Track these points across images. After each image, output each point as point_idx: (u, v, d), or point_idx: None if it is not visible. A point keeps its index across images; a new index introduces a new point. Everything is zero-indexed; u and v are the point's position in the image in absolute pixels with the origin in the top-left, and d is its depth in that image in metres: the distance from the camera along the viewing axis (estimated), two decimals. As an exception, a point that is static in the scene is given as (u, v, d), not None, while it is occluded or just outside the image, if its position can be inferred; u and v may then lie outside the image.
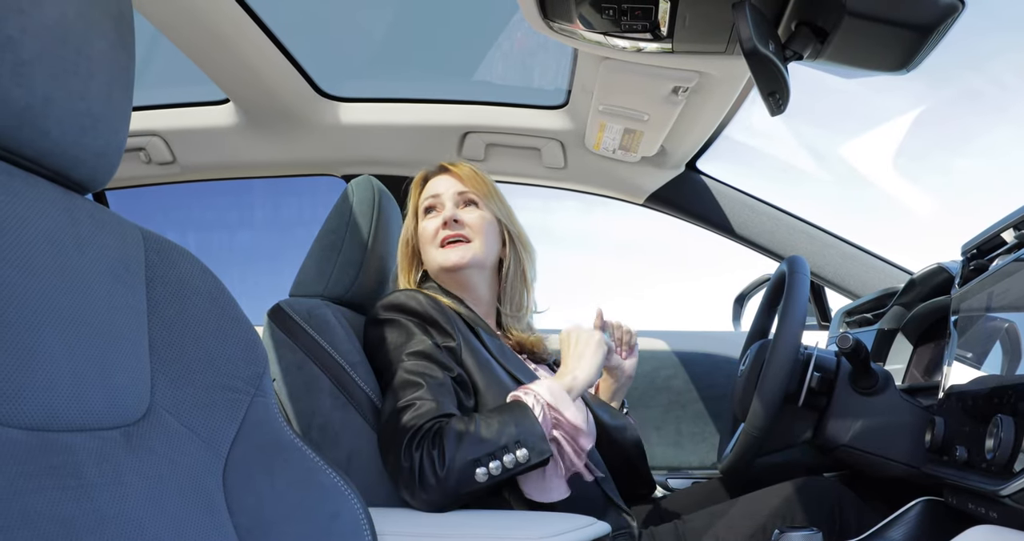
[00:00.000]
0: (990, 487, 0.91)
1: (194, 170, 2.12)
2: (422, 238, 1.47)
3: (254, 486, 0.76)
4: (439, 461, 1.11)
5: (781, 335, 1.28)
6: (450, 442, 1.12)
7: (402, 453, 1.13)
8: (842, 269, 2.02)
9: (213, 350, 0.77)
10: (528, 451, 1.14)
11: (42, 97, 0.61)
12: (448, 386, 1.24)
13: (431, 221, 1.46)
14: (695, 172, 2.07)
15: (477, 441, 1.13)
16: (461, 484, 1.11)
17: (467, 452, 1.12)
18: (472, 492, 1.13)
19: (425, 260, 1.48)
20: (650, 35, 1.27)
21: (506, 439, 1.14)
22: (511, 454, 1.13)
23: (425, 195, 1.50)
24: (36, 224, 0.63)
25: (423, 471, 1.11)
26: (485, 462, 1.12)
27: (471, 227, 1.44)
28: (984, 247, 1.21)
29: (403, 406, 1.19)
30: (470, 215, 1.45)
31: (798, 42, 1.09)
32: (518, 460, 1.13)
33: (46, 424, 0.58)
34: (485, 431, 1.14)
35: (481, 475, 1.12)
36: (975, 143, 3.78)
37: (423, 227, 1.47)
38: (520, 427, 1.16)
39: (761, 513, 1.33)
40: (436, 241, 1.44)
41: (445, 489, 1.11)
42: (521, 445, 1.14)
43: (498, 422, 1.16)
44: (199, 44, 1.58)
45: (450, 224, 1.43)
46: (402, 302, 1.32)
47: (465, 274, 1.44)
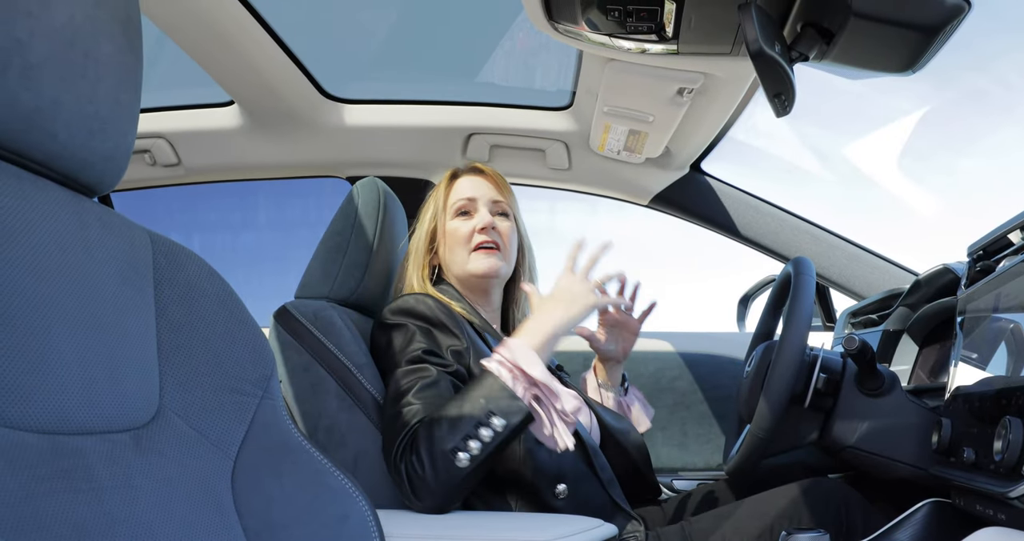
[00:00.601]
0: (998, 489, 0.91)
1: (199, 172, 2.12)
2: (452, 238, 1.45)
3: (263, 488, 0.76)
4: (419, 465, 1.11)
5: (787, 336, 1.27)
6: (423, 442, 1.12)
7: (392, 468, 1.15)
8: (847, 270, 2.01)
9: (221, 352, 0.77)
10: (503, 417, 1.12)
11: (50, 100, 0.62)
12: (440, 382, 1.22)
13: (464, 223, 1.45)
14: (700, 173, 2.06)
15: (448, 429, 1.12)
16: (449, 476, 1.10)
17: (442, 444, 1.11)
18: (464, 480, 1.12)
19: (450, 261, 1.46)
20: (655, 36, 1.27)
21: (477, 414, 1.12)
22: (486, 428, 1.11)
23: (458, 195, 1.47)
24: (45, 227, 0.63)
25: (411, 479, 1.12)
26: (463, 446, 1.11)
27: (502, 236, 1.45)
28: (991, 248, 1.21)
29: (391, 416, 1.20)
30: (503, 225, 1.46)
31: (804, 43, 1.08)
32: (496, 430, 1.12)
33: (57, 427, 0.58)
34: (454, 414, 1.13)
35: (464, 460, 1.10)
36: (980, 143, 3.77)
37: (455, 227, 1.45)
38: (488, 397, 1.13)
39: (768, 515, 1.33)
40: (471, 244, 1.43)
41: (435, 488, 1.11)
42: (493, 414, 1.12)
43: (466, 401, 1.14)
44: (204, 46, 1.58)
45: (488, 230, 1.43)
46: (411, 306, 1.32)
47: (490, 282, 1.45)
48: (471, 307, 1.43)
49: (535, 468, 1.26)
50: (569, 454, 1.30)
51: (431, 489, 1.11)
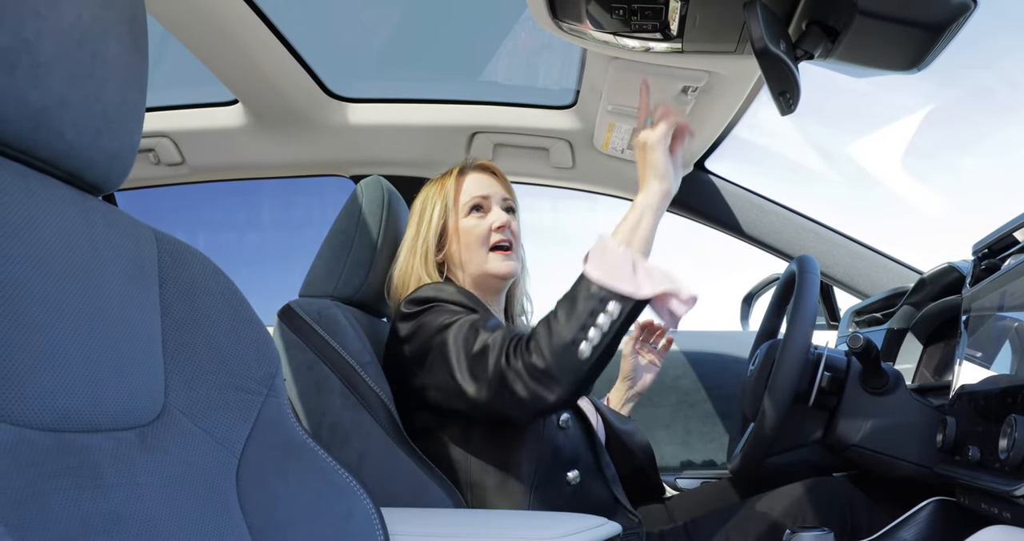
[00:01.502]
0: (1004, 487, 0.91)
1: (203, 171, 2.12)
2: (468, 236, 1.41)
3: (267, 486, 0.76)
4: (539, 360, 1.11)
5: (791, 335, 1.27)
6: (542, 339, 1.13)
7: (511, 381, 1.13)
8: (851, 268, 2.01)
9: (226, 350, 0.77)
10: (619, 303, 1.12)
11: (58, 99, 0.62)
12: (503, 323, 1.25)
13: (480, 221, 1.42)
14: (704, 172, 2.06)
15: (563, 321, 1.13)
16: (575, 368, 1.11)
17: (561, 336, 1.12)
18: (590, 370, 1.12)
19: (465, 259, 1.42)
20: (660, 35, 1.27)
21: (592, 304, 1.12)
22: (602, 314, 1.12)
23: (469, 191, 1.44)
24: (51, 225, 0.63)
25: (534, 378, 1.12)
26: (582, 335, 1.11)
27: (515, 236, 1.45)
28: (996, 246, 1.21)
29: (479, 350, 1.18)
30: (514, 224, 1.46)
31: (809, 41, 1.08)
32: (611, 316, 1.12)
33: (63, 425, 0.58)
34: (567, 309, 1.14)
35: (585, 350, 1.11)
36: (986, 142, 3.77)
37: (470, 225, 1.42)
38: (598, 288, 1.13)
39: (772, 514, 1.33)
40: (489, 243, 1.41)
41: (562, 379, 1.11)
42: (606, 300, 1.12)
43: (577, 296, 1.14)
44: (208, 45, 1.58)
45: (504, 229, 1.42)
46: (433, 294, 1.30)
47: (503, 283, 1.45)
48: (481, 303, 1.43)
49: (551, 452, 1.27)
50: (582, 444, 1.33)
51: (558, 381, 1.11)
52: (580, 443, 1.33)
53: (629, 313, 1.13)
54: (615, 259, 1.15)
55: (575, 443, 1.32)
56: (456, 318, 1.25)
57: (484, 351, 1.17)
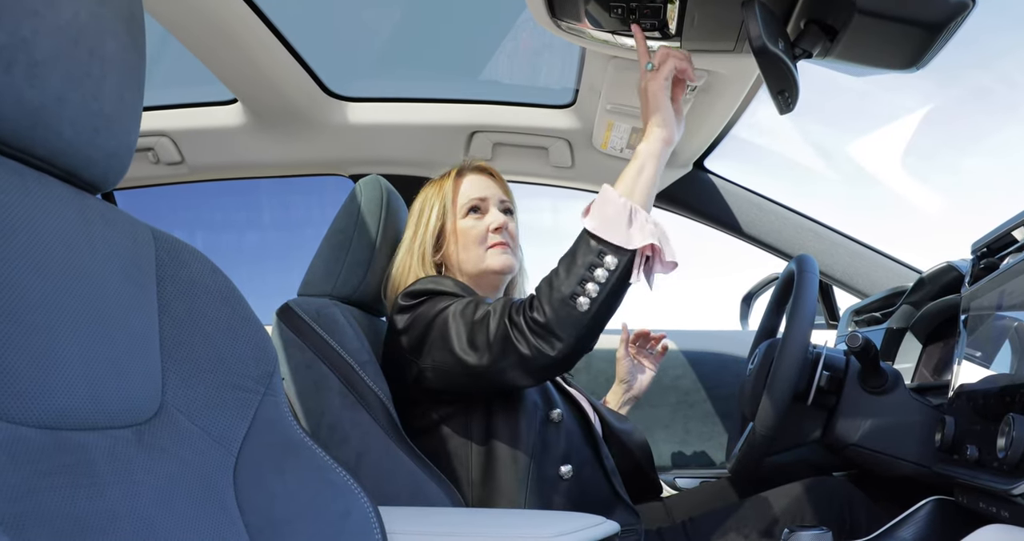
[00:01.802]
0: (1002, 486, 0.91)
1: (202, 170, 2.12)
2: (466, 237, 1.43)
3: (265, 485, 0.76)
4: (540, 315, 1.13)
5: (790, 334, 1.27)
6: (543, 295, 1.14)
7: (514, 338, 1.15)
8: (851, 268, 2.01)
9: (223, 349, 0.77)
10: (616, 255, 1.13)
11: (55, 97, 0.62)
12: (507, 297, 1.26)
13: (478, 222, 1.44)
14: (703, 171, 2.06)
15: (562, 275, 1.14)
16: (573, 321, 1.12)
17: (559, 290, 1.13)
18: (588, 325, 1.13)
19: (463, 259, 1.44)
20: (659, 33, 1.27)
21: (589, 257, 1.14)
22: (599, 268, 1.13)
23: (468, 193, 1.46)
24: (49, 224, 0.63)
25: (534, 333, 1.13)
26: (580, 288, 1.12)
27: (512, 236, 1.47)
28: (994, 245, 1.21)
29: (478, 319, 1.20)
30: (511, 225, 1.48)
31: (807, 40, 1.08)
32: (607, 269, 1.13)
33: (60, 423, 0.58)
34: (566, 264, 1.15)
35: (584, 303, 1.12)
36: (985, 141, 3.77)
37: (468, 226, 1.44)
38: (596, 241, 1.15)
39: (770, 513, 1.33)
40: (486, 243, 1.43)
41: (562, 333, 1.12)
42: (602, 253, 1.13)
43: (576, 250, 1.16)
44: (207, 44, 1.58)
45: (502, 231, 1.44)
46: (431, 287, 1.31)
47: (501, 279, 1.46)
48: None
49: (543, 446, 1.28)
50: (578, 437, 1.33)
51: (558, 335, 1.12)
52: (575, 438, 1.33)
53: (627, 266, 1.14)
54: (613, 210, 1.15)
55: (569, 438, 1.32)
56: (453, 302, 1.26)
57: (485, 318, 1.19)
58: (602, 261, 1.13)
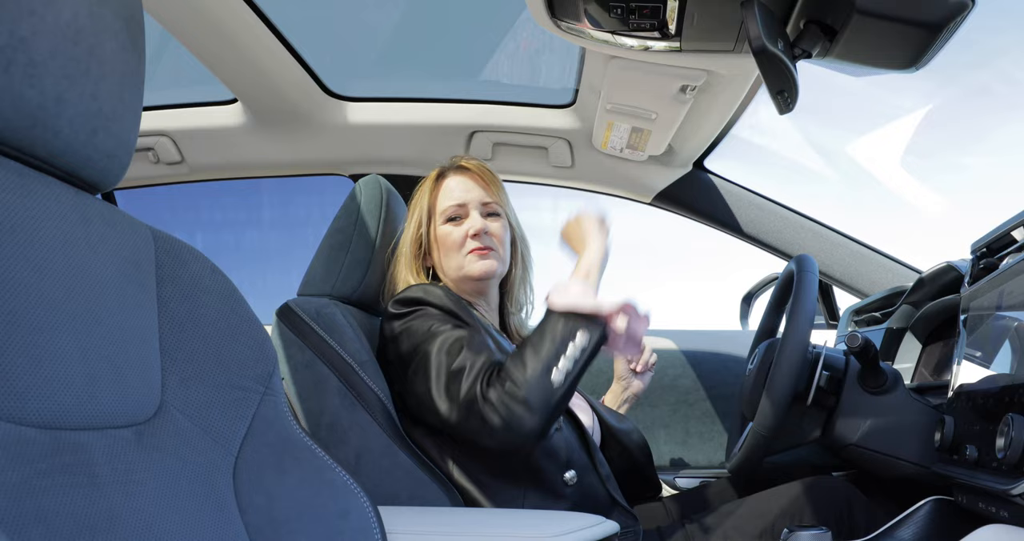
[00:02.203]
0: (1001, 486, 0.91)
1: (202, 170, 2.12)
2: (444, 244, 1.43)
3: (264, 484, 0.76)
4: (513, 389, 1.15)
5: (790, 334, 1.27)
6: (516, 369, 1.17)
7: (480, 408, 1.16)
8: (850, 268, 2.01)
9: (223, 349, 0.77)
10: (586, 332, 1.19)
11: (54, 97, 0.62)
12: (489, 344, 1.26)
13: (456, 228, 1.43)
14: (702, 171, 2.06)
15: (535, 353, 1.18)
16: (546, 395, 1.15)
17: (534, 366, 1.16)
18: (559, 400, 1.17)
19: (445, 266, 1.44)
20: (658, 33, 1.27)
21: (561, 334, 1.18)
22: (572, 343, 1.18)
23: (446, 200, 1.45)
24: (49, 224, 0.63)
25: (507, 406, 1.15)
26: (554, 363, 1.16)
27: (497, 238, 1.45)
28: (994, 245, 1.21)
29: (456, 369, 1.21)
30: (495, 225, 1.45)
31: (807, 40, 1.08)
32: (580, 345, 1.18)
33: (60, 423, 0.58)
34: (537, 343, 1.19)
35: (557, 379, 1.16)
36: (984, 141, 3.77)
37: (446, 232, 1.43)
38: (565, 321, 1.20)
39: (770, 512, 1.33)
40: (464, 250, 1.42)
41: (535, 408, 1.15)
42: (574, 330, 1.19)
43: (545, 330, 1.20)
44: (207, 44, 1.58)
45: (481, 236, 1.42)
46: (420, 296, 1.32)
47: (487, 283, 1.46)
48: (471, 307, 1.43)
49: (548, 453, 1.28)
50: (576, 445, 1.33)
51: (532, 409, 1.15)
52: (573, 443, 1.34)
53: (597, 342, 1.20)
54: (575, 289, 1.24)
55: (569, 444, 1.32)
56: (442, 329, 1.27)
57: (460, 372, 1.20)
58: (573, 337, 1.18)
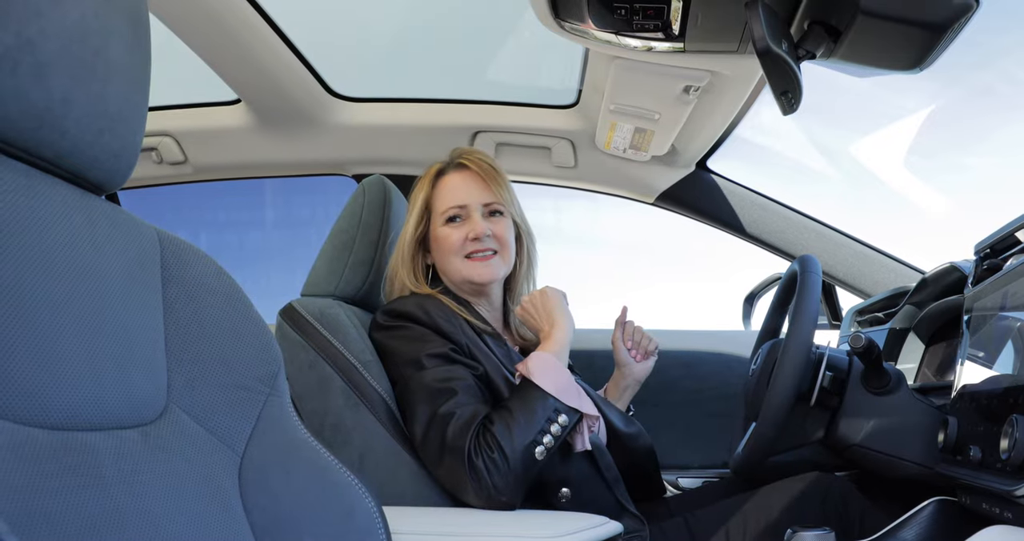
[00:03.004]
0: (1005, 487, 0.90)
1: (206, 170, 2.13)
2: (443, 245, 1.41)
3: (270, 484, 0.76)
4: (501, 459, 1.16)
5: (793, 334, 1.27)
6: (503, 438, 1.18)
7: (465, 467, 1.17)
8: (854, 268, 2.01)
9: (228, 350, 0.77)
10: (565, 415, 1.24)
11: (61, 98, 0.62)
12: (475, 386, 1.26)
13: (455, 230, 1.40)
14: (706, 171, 2.06)
15: (524, 426, 1.20)
16: (527, 468, 1.19)
17: (523, 438, 1.19)
18: (535, 474, 1.21)
19: (445, 268, 1.43)
20: (662, 34, 1.27)
21: (548, 411, 1.22)
22: (555, 424, 1.22)
23: (447, 201, 1.41)
24: (55, 225, 0.63)
25: (491, 473, 1.16)
26: (539, 439, 1.20)
27: (499, 239, 1.41)
28: (998, 246, 1.20)
29: (444, 415, 1.20)
30: (497, 226, 1.42)
31: (811, 41, 1.08)
32: (561, 425, 1.23)
33: (66, 424, 0.58)
34: (527, 412, 1.22)
35: (540, 453, 1.20)
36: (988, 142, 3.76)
37: (445, 234, 1.40)
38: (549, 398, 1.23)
39: (772, 512, 1.33)
40: (463, 252, 1.39)
41: (516, 479, 1.17)
42: (559, 412, 1.23)
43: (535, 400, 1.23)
44: (211, 45, 1.58)
45: (483, 239, 1.39)
46: (408, 311, 1.31)
47: (487, 288, 1.44)
48: (471, 308, 1.43)
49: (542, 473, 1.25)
50: (577, 457, 1.31)
51: (514, 480, 1.17)
52: (575, 458, 1.31)
53: (574, 424, 1.27)
54: (561, 377, 1.28)
55: (568, 461, 1.30)
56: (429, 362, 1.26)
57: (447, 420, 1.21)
58: (558, 418, 1.23)
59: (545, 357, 1.29)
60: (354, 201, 1.46)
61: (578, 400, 1.27)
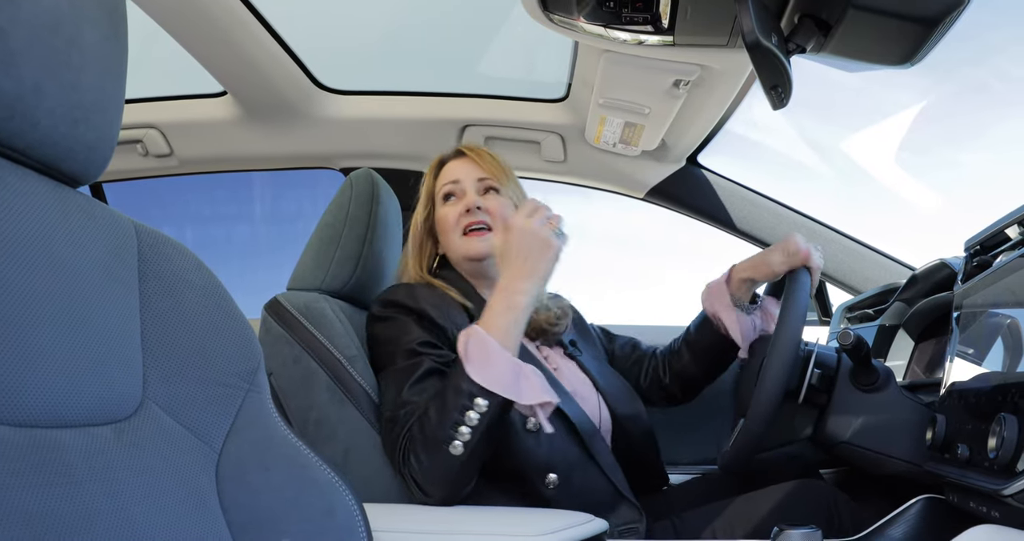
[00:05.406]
0: (992, 486, 0.90)
1: (192, 163, 2.11)
2: (443, 225, 1.44)
3: (248, 482, 0.75)
4: (416, 461, 1.12)
5: (782, 331, 1.26)
6: (417, 438, 1.12)
7: (400, 467, 1.15)
8: (844, 264, 2.01)
9: (207, 345, 0.76)
10: (486, 397, 1.10)
11: (32, 87, 0.60)
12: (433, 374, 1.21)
13: (452, 208, 1.43)
14: (696, 166, 2.06)
15: (437, 420, 1.11)
16: (447, 466, 1.10)
17: (434, 435, 1.11)
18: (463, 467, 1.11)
19: (446, 247, 1.45)
20: (651, 27, 1.26)
21: (462, 399, 1.10)
22: (471, 411, 1.10)
23: (444, 180, 1.46)
24: (27, 217, 0.62)
25: (414, 476, 1.12)
26: (453, 434, 1.10)
27: (492, 214, 1.41)
28: (988, 243, 1.20)
29: (390, 419, 1.19)
30: (491, 202, 1.42)
31: (801, 35, 1.08)
32: (481, 411, 1.10)
33: (36, 420, 0.57)
34: (440, 404, 1.12)
35: (458, 447, 1.10)
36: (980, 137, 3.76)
37: (443, 213, 1.44)
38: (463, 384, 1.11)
39: (759, 510, 1.33)
40: (459, 228, 1.41)
41: (437, 480, 1.11)
42: (475, 395, 1.10)
43: (449, 388, 1.13)
44: (196, 36, 1.56)
45: (473, 211, 1.40)
46: (397, 298, 1.31)
47: (485, 263, 1.42)
48: (474, 291, 1.41)
49: (523, 458, 1.24)
50: (562, 441, 1.28)
51: (433, 481, 1.11)
52: (558, 443, 1.27)
53: (500, 407, 1.12)
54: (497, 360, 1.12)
55: (551, 445, 1.26)
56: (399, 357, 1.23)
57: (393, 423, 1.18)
58: (473, 403, 1.10)
59: (477, 334, 1.15)
60: (341, 194, 1.45)
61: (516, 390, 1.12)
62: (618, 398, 1.45)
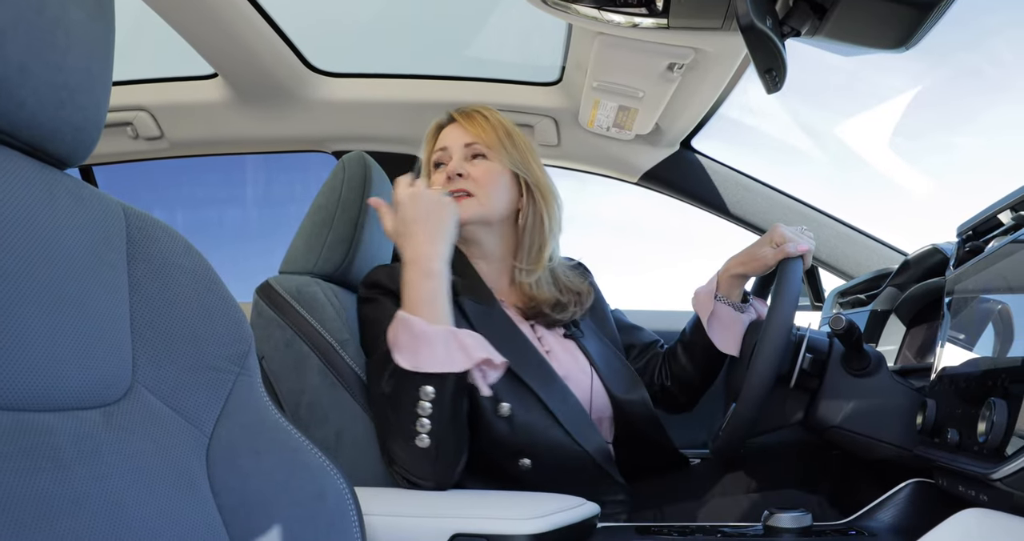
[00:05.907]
0: (982, 470, 0.90)
1: (182, 146, 2.10)
2: None
3: (239, 466, 0.75)
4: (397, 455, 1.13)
5: (774, 316, 1.26)
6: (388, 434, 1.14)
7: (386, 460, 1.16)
8: (836, 249, 2.01)
9: (197, 328, 0.76)
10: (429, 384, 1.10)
11: (17, 67, 0.60)
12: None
13: (439, 175, 1.41)
14: (690, 151, 2.05)
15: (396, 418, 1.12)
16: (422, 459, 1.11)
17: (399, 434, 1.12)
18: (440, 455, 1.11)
19: None
20: (646, 10, 1.25)
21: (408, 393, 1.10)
22: (421, 401, 1.10)
23: (436, 147, 1.45)
24: (12, 199, 0.61)
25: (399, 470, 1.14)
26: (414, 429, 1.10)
27: (476, 180, 1.37)
28: (980, 228, 1.20)
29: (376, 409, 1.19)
30: (476, 168, 1.38)
31: (796, 18, 1.07)
32: (431, 398, 1.09)
33: (23, 404, 0.56)
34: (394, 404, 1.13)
35: (424, 440, 1.10)
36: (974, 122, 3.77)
37: (432, 181, 1.42)
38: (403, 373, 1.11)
39: (749, 493, 1.33)
40: None
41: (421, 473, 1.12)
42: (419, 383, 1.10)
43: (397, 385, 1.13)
44: (186, 17, 1.55)
45: (453, 178, 1.37)
46: (376, 279, 1.31)
47: (469, 230, 1.37)
48: (466, 261, 1.39)
49: (491, 443, 1.23)
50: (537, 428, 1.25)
51: (416, 474, 1.12)
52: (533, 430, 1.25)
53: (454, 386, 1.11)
54: (425, 339, 1.11)
55: (523, 430, 1.24)
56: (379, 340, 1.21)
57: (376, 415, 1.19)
58: (420, 393, 1.09)
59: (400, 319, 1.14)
60: (334, 177, 1.44)
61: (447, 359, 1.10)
62: (618, 382, 1.42)
